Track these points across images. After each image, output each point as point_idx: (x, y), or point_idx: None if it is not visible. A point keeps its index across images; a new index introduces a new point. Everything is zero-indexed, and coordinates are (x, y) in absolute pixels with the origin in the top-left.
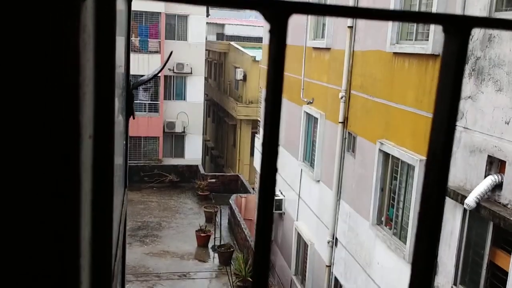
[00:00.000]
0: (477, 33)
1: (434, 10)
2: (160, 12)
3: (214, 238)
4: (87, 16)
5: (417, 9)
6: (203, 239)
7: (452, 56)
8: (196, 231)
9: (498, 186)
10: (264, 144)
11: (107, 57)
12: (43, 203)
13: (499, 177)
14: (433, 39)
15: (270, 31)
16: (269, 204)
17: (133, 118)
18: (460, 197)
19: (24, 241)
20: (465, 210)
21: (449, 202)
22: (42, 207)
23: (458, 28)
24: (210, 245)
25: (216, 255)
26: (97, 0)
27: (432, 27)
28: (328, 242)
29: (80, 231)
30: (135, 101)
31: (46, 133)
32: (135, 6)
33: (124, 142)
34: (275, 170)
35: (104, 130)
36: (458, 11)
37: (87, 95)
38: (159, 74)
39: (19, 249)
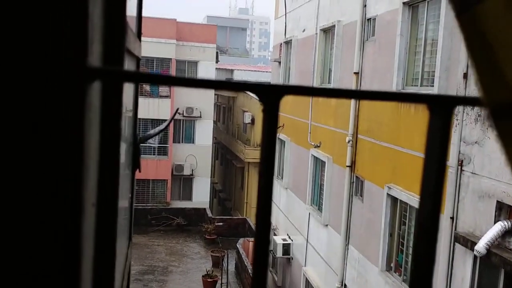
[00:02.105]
0: None
1: (438, 58)
2: (171, 58)
3: (221, 283)
4: (93, 96)
5: (421, 57)
6: (209, 285)
7: (436, 132)
8: (202, 276)
9: (508, 232)
10: (257, 221)
11: (112, 133)
12: None
13: (509, 223)
14: (439, 85)
15: (263, 111)
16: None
17: (139, 171)
18: (470, 244)
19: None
20: (475, 257)
21: (459, 249)
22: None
23: (441, 107)
24: None
25: None
26: (105, 82)
27: (437, 72)
28: None
29: None
30: (144, 144)
31: (47, 208)
32: (145, 52)
33: (130, 195)
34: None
35: (108, 200)
36: (462, 59)
37: (91, 168)
38: (168, 122)
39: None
